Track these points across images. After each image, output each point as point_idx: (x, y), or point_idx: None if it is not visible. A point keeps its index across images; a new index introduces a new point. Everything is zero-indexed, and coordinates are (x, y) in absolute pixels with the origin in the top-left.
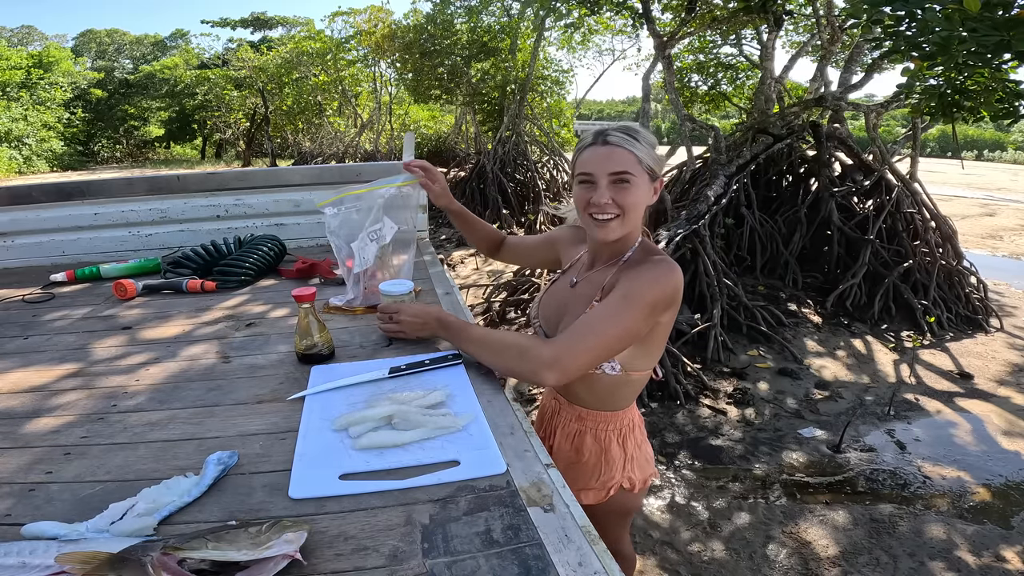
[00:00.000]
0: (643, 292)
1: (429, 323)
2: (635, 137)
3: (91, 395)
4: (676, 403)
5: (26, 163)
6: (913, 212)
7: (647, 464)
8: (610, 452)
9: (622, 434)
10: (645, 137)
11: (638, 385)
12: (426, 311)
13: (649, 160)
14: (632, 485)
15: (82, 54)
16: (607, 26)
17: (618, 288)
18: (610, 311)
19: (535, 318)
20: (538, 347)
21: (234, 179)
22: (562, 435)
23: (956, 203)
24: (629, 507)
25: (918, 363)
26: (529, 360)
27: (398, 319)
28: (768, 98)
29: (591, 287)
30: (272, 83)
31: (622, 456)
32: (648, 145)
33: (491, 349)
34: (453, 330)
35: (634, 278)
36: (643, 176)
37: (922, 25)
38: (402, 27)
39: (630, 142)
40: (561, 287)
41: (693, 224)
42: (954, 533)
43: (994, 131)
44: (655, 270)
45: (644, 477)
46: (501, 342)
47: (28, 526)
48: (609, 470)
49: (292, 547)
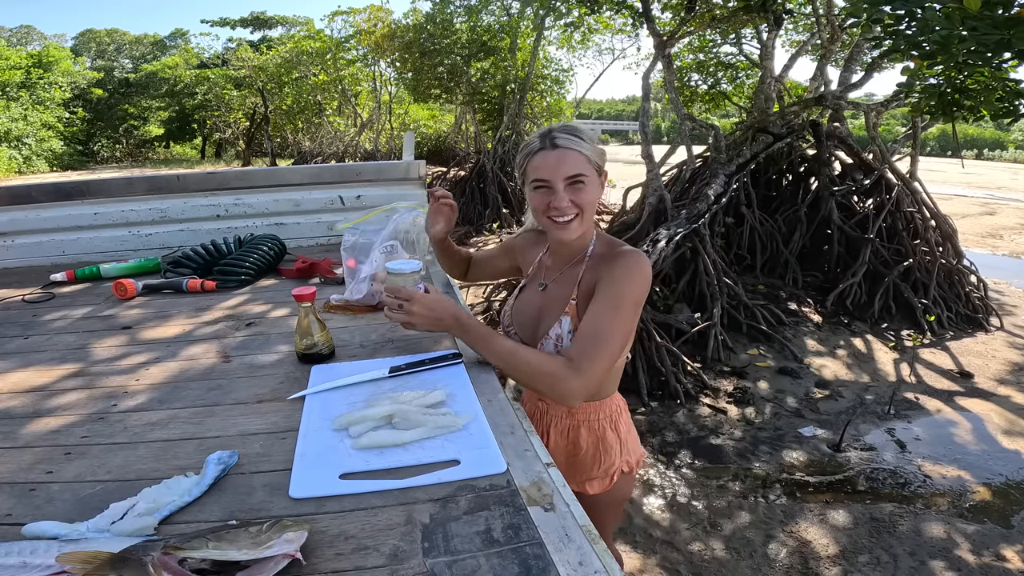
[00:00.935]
0: (628, 294)
1: (444, 320)
2: (581, 137)
3: (91, 395)
4: (676, 402)
5: (26, 163)
6: (913, 211)
7: (637, 445)
8: (606, 439)
9: (613, 420)
10: (588, 135)
11: (619, 370)
12: (443, 306)
13: (596, 157)
14: (630, 467)
15: (81, 54)
16: (607, 25)
17: (601, 294)
18: (607, 322)
19: (508, 326)
20: (566, 378)
21: (234, 179)
22: (556, 432)
23: (956, 202)
24: (627, 491)
25: (918, 362)
26: (558, 391)
27: (409, 309)
28: (768, 97)
29: (564, 286)
30: (272, 82)
31: (617, 441)
32: (591, 142)
33: (519, 371)
34: (473, 335)
35: (613, 280)
36: (594, 174)
37: (922, 24)
38: (402, 26)
39: (578, 143)
40: (531, 293)
41: (693, 223)
42: (954, 532)
43: (994, 130)
44: (629, 266)
45: (638, 457)
46: (529, 365)
47: (29, 526)
48: (608, 457)
49: (292, 546)
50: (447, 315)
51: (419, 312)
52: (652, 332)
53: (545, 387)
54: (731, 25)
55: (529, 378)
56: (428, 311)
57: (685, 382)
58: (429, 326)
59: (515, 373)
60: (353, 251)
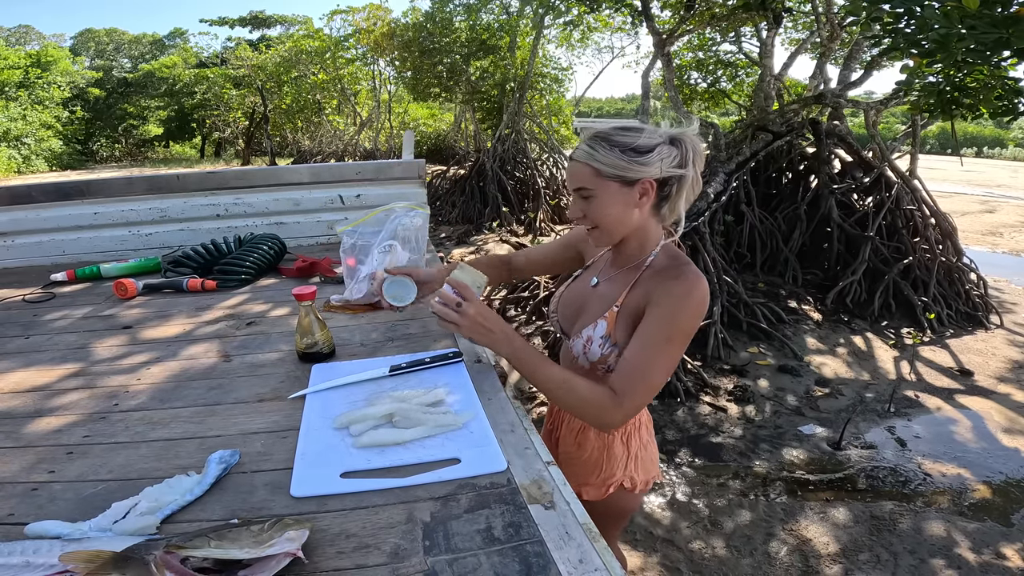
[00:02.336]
0: (682, 323)
1: (495, 332)
2: (595, 148)
3: (92, 394)
4: (676, 400)
5: (25, 162)
6: (913, 209)
7: (651, 465)
8: (612, 449)
9: (626, 432)
10: (616, 142)
11: None
12: (496, 319)
13: (612, 168)
14: (633, 485)
15: (80, 53)
16: (606, 23)
17: (655, 316)
18: (656, 354)
19: (553, 312)
20: (610, 411)
21: (234, 178)
22: (567, 428)
23: (956, 200)
24: (627, 508)
25: (918, 360)
26: (602, 422)
27: (465, 310)
28: (768, 95)
29: (614, 288)
30: (271, 82)
31: (625, 454)
32: (616, 150)
33: (565, 401)
34: (523, 355)
35: (670, 305)
36: (607, 185)
37: (921, 22)
38: (401, 25)
39: (589, 154)
40: (581, 286)
41: (693, 221)
42: (954, 530)
43: (994, 128)
44: (688, 292)
45: (647, 478)
46: (577, 396)
47: (31, 525)
48: (611, 467)
49: (294, 545)
50: (499, 329)
51: (472, 316)
52: None
53: (589, 419)
54: (730, 23)
55: (573, 408)
56: (482, 319)
57: (685, 380)
58: (475, 334)
59: (560, 402)
60: (352, 253)
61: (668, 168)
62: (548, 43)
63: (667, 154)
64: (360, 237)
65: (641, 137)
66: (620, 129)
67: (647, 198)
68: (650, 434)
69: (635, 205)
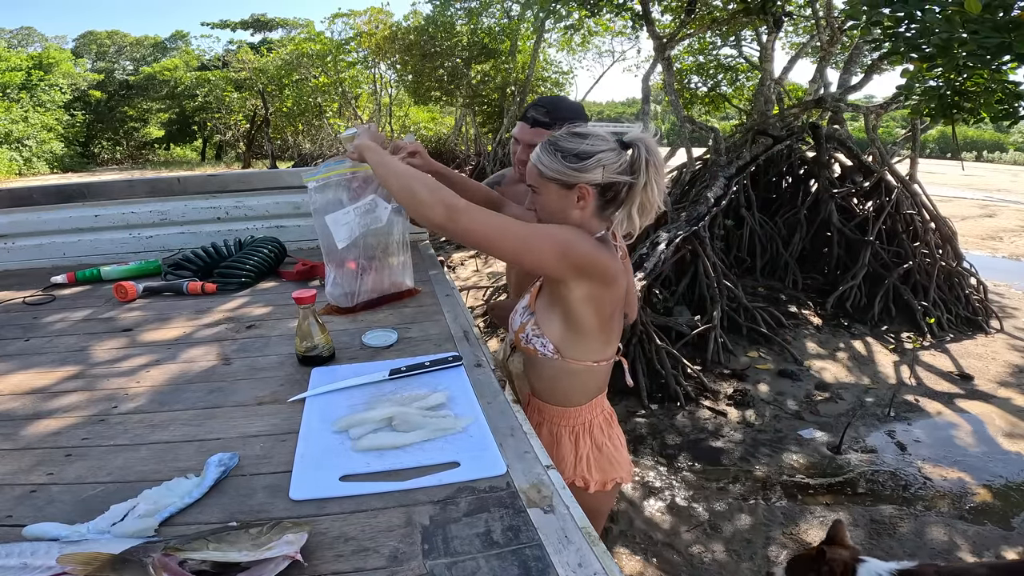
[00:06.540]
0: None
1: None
2: (542, 151)
3: (92, 397)
4: (676, 405)
5: (26, 164)
6: (913, 213)
7: (611, 467)
8: (560, 448)
9: (575, 432)
10: (559, 147)
11: (587, 379)
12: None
13: (552, 171)
14: (586, 484)
15: (82, 56)
16: (607, 28)
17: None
18: (524, 226)
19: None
20: (438, 207)
21: (234, 181)
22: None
23: (956, 204)
24: (589, 507)
25: (918, 364)
26: (424, 211)
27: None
28: (768, 99)
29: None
30: (272, 85)
31: (573, 454)
32: (558, 155)
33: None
34: (384, 161)
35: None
36: (548, 185)
37: (922, 27)
38: (402, 29)
39: (537, 156)
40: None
41: (693, 226)
42: (955, 534)
43: (994, 132)
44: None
45: (604, 479)
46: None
47: (30, 527)
48: (559, 465)
49: (293, 548)
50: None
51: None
52: (652, 335)
53: (417, 203)
54: (731, 27)
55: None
56: (372, 136)
57: (685, 385)
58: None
59: (396, 180)
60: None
61: (612, 174)
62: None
63: (610, 160)
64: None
65: (584, 143)
66: (569, 135)
67: (584, 202)
68: (607, 436)
69: (574, 207)
